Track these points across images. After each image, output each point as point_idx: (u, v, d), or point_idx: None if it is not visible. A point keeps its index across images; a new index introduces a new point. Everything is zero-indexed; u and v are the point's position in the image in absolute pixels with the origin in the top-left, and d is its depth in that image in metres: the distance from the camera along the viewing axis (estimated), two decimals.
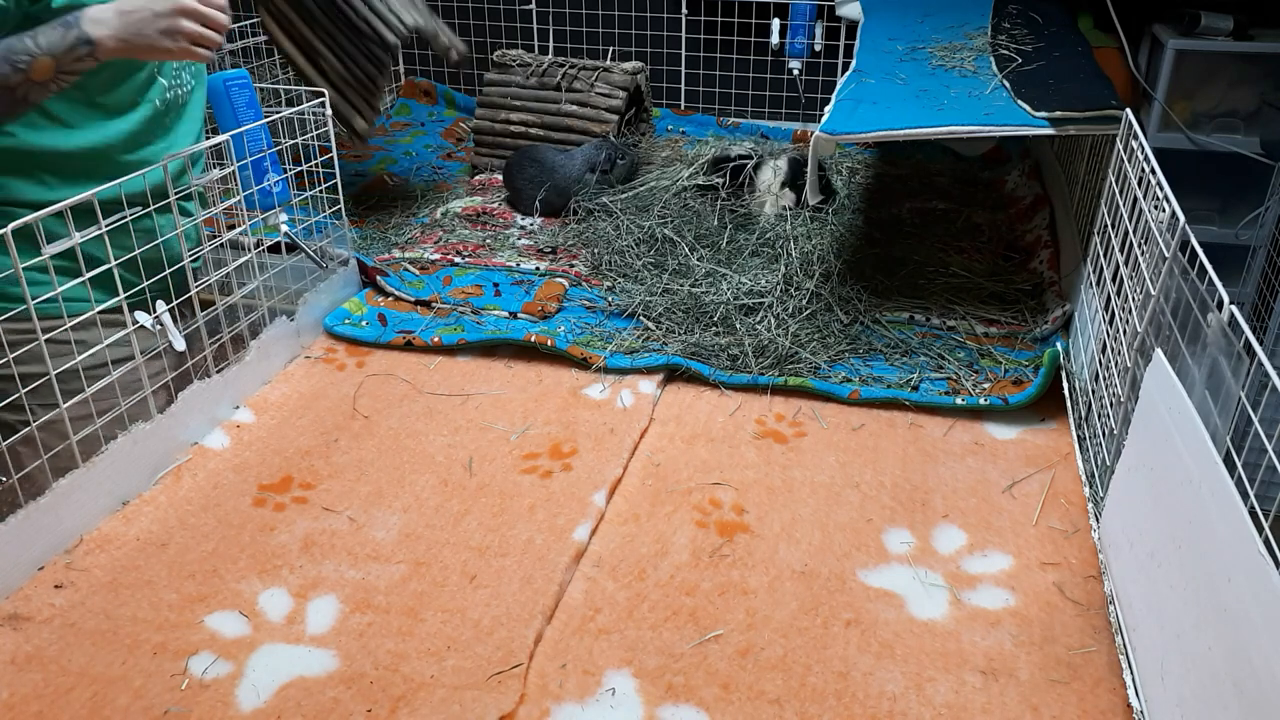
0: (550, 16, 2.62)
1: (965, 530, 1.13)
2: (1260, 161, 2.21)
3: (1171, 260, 0.98)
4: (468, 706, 0.89)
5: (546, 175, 1.92)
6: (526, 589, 1.03)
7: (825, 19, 2.41)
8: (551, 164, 1.93)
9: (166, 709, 0.89)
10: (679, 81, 2.61)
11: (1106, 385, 1.17)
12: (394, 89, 2.73)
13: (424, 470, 1.23)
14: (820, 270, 1.63)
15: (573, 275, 1.71)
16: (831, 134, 1.43)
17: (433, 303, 1.61)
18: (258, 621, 0.99)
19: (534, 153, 1.98)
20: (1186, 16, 2.18)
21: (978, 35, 1.80)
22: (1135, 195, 1.14)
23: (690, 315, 1.54)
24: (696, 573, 1.06)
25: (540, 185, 1.92)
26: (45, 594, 1.02)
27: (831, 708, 0.90)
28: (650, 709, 0.90)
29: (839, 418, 1.34)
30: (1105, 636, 0.97)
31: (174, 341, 1.25)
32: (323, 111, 1.49)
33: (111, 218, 1.12)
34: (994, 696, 0.91)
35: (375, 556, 1.08)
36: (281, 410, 1.36)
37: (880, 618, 1.00)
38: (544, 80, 2.16)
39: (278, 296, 1.47)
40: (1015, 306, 1.57)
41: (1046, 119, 1.39)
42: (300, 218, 1.58)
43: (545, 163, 1.94)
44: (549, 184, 1.91)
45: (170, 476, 1.21)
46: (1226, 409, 0.85)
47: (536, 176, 1.93)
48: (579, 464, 1.24)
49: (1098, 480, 1.16)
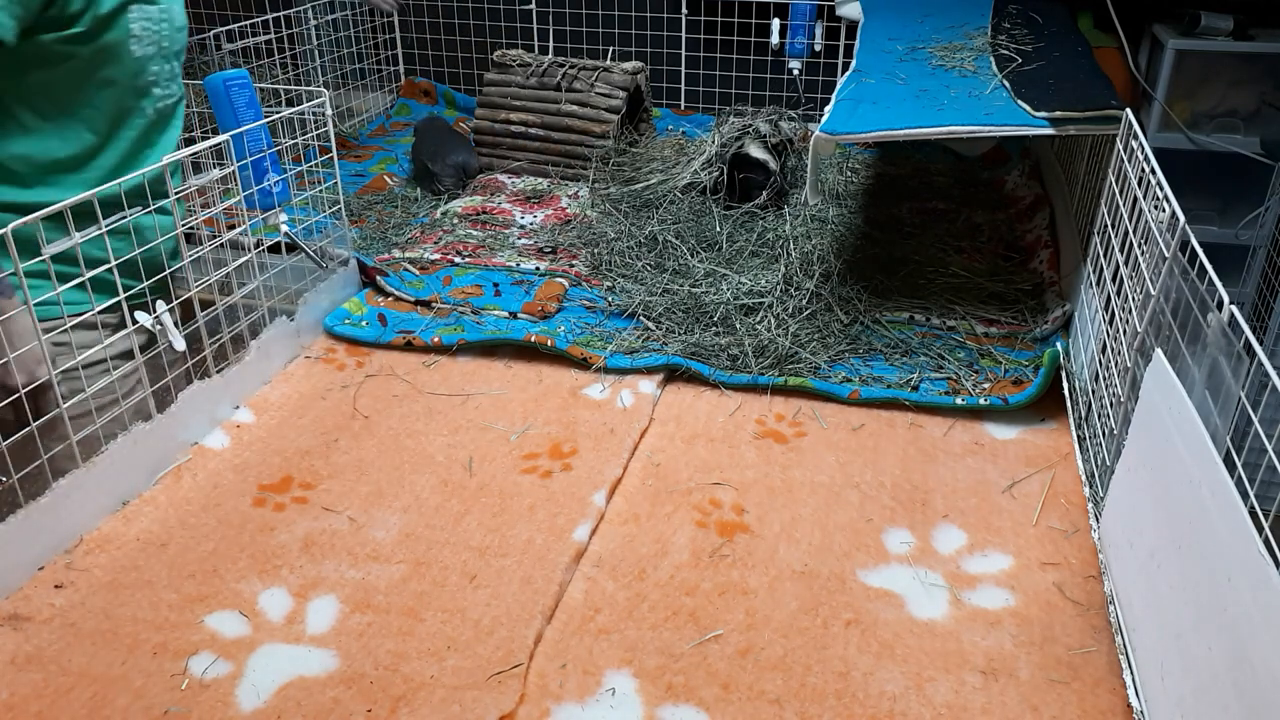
0: (550, 16, 2.62)
1: (965, 530, 1.13)
2: (1260, 161, 2.21)
3: (1171, 260, 0.98)
4: (468, 706, 0.89)
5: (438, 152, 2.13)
6: (526, 589, 1.03)
7: (825, 19, 2.42)
8: (443, 147, 2.14)
9: (166, 709, 0.89)
10: (679, 81, 2.61)
11: (1106, 385, 1.17)
12: (394, 89, 2.73)
13: (424, 470, 1.23)
14: (820, 270, 1.63)
15: (573, 275, 1.71)
16: (831, 134, 1.43)
17: (433, 303, 1.61)
18: (258, 621, 0.99)
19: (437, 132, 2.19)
20: (1186, 16, 2.18)
21: (978, 35, 1.80)
22: (1135, 195, 1.14)
23: (690, 315, 1.54)
24: (696, 573, 1.06)
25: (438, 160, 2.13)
26: (45, 594, 1.02)
27: (831, 708, 0.90)
28: (650, 709, 0.90)
29: (839, 418, 1.34)
30: (1105, 636, 0.97)
31: (174, 341, 1.25)
32: (323, 111, 1.49)
33: (109, 219, 1.12)
34: (994, 696, 0.91)
35: (375, 556, 1.08)
36: (281, 410, 1.36)
37: (880, 618, 1.00)
38: (544, 80, 2.16)
39: (278, 296, 1.47)
40: (1015, 306, 1.57)
41: (1046, 119, 1.39)
42: (300, 218, 1.58)
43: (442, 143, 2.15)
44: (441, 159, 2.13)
45: (170, 476, 1.21)
46: (1226, 409, 0.85)
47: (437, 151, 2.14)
48: (579, 464, 1.24)
49: (1098, 480, 1.16)
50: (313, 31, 2.39)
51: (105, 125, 1.30)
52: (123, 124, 1.32)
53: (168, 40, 1.34)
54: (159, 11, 1.30)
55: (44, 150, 1.26)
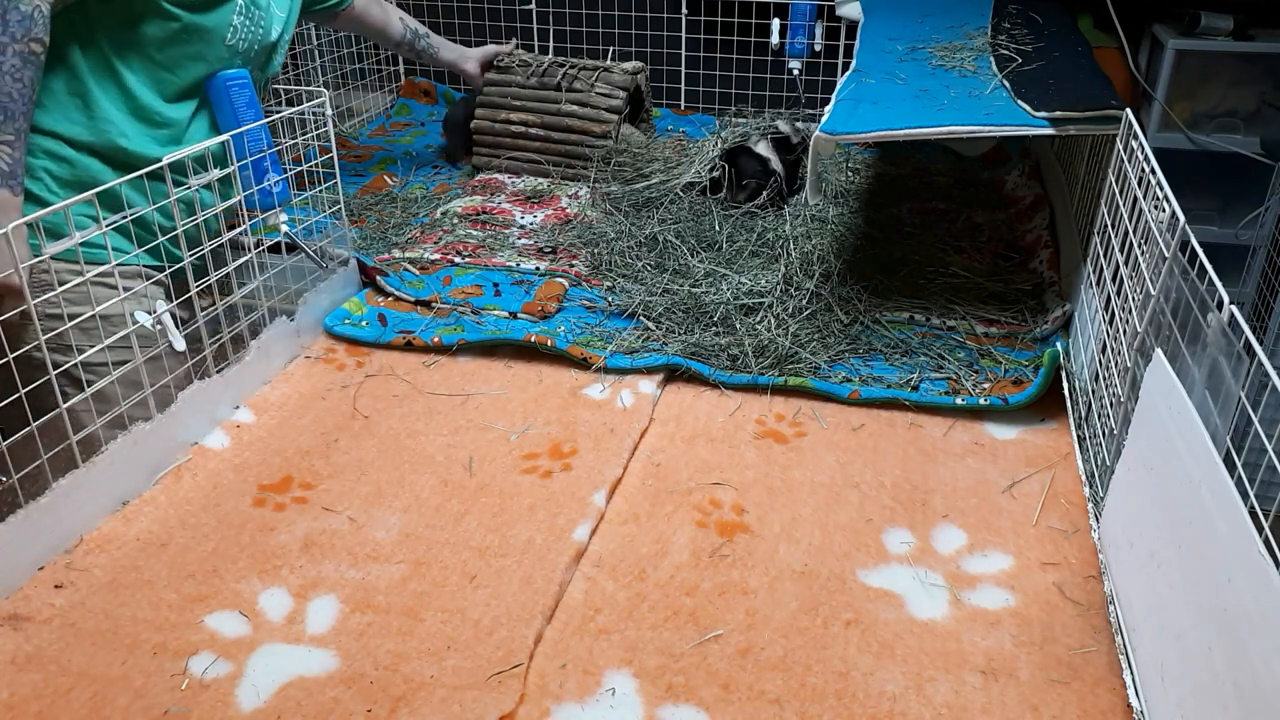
0: (550, 16, 2.62)
1: (965, 530, 1.13)
2: (1260, 161, 2.21)
3: (1171, 260, 0.98)
4: (468, 706, 0.89)
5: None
6: (526, 589, 1.03)
7: (825, 19, 2.41)
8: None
9: (166, 709, 0.89)
10: (679, 81, 2.61)
11: (1106, 385, 1.17)
12: (394, 89, 2.73)
13: (424, 470, 1.23)
14: (820, 270, 1.63)
15: (573, 275, 1.71)
16: (831, 134, 1.43)
17: (433, 303, 1.61)
18: (258, 621, 1.00)
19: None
20: (1186, 16, 2.18)
21: (978, 35, 1.80)
22: (1135, 195, 1.14)
23: (690, 315, 1.54)
24: (696, 573, 1.06)
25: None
26: (45, 594, 1.02)
27: (831, 708, 0.90)
28: (650, 709, 0.90)
29: (839, 418, 1.34)
30: (1105, 636, 0.97)
31: (174, 341, 1.26)
32: (323, 111, 1.49)
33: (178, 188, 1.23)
34: (994, 696, 0.91)
35: (375, 556, 1.08)
36: (281, 410, 1.36)
37: (880, 618, 1.00)
38: (544, 80, 2.16)
39: (278, 296, 1.47)
40: (1015, 306, 1.57)
41: (1046, 119, 1.39)
42: (300, 218, 1.58)
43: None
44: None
45: (170, 476, 1.21)
46: (1226, 409, 0.85)
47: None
48: (579, 464, 1.24)
49: (1098, 480, 1.16)
50: (313, 31, 2.39)
51: (177, 97, 1.46)
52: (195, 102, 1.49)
53: (257, 46, 1.54)
54: (259, 13, 1.52)
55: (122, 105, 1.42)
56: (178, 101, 1.47)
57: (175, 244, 1.29)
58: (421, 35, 2.15)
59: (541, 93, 2.15)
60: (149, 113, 1.43)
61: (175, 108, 1.47)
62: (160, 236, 1.25)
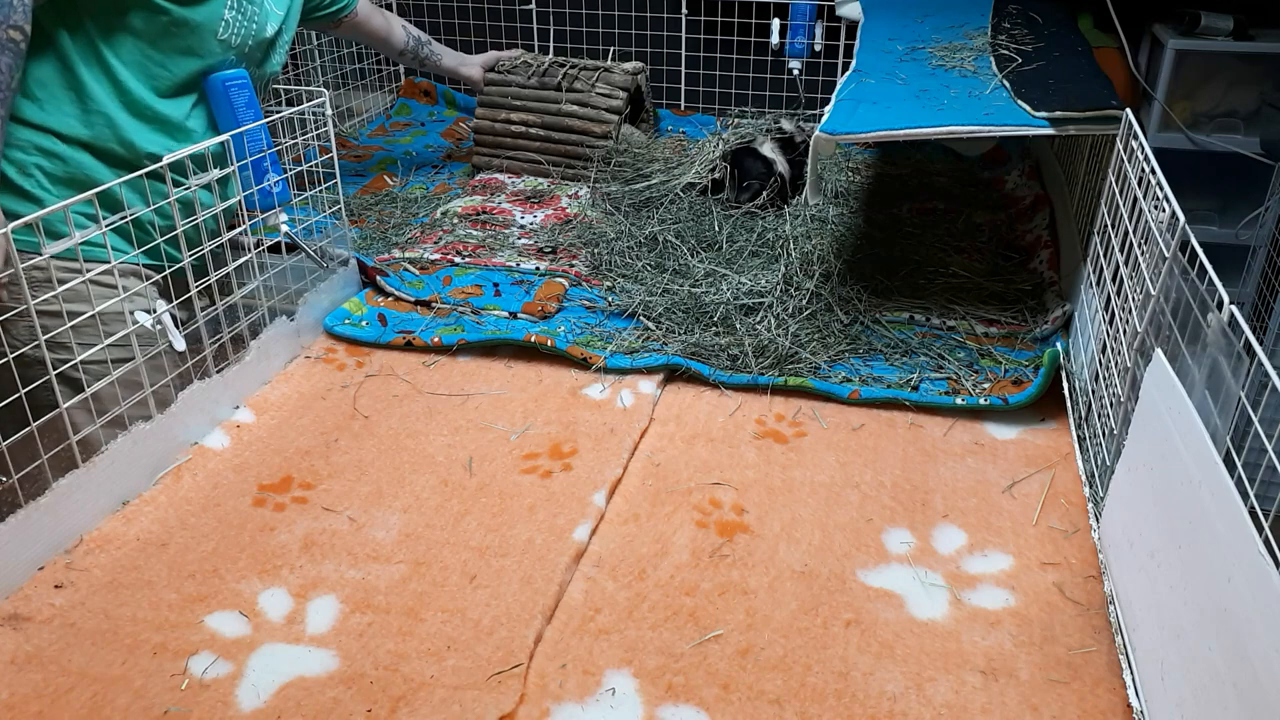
0: (550, 16, 2.62)
1: (965, 530, 1.13)
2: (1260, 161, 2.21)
3: (1171, 260, 0.98)
4: (468, 706, 0.89)
5: None
6: (526, 589, 1.03)
7: (825, 19, 2.41)
8: None
9: (166, 709, 0.89)
10: (679, 81, 2.61)
11: (1106, 385, 1.17)
12: (394, 89, 2.73)
13: (424, 470, 1.23)
14: (820, 270, 1.63)
15: (573, 275, 1.71)
16: (831, 134, 1.43)
17: (433, 303, 1.61)
18: (258, 621, 1.00)
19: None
20: (1186, 16, 2.18)
21: (978, 35, 1.80)
22: (1135, 195, 1.14)
23: (690, 315, 1.54)
24: (696, 573, 1.06)
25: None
26: (45, 594, 1.02)
27: (831, 708, 0.90)
28: (650, 709, 0.90)
29: (839, 418, 1.34)
30: (1105, 636, 0.97)
31: (174, 341, 1.26)
32: (323, 111, 1.49)
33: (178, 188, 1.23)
34: (994, 696, 0.91)
35: (375, 556, 1.08)
36: (281, 410, 1.36)
37: (880, 618, 1.00)
38: (544, 80, 2.16)
39: (278, 296, 1.47)
40: (1015, 306, 1.57)
41: (1046, 119, 1.39)
42: (300, 218, 1.58)
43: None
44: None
45: (170, 476, 1.21)
46: (1226, 409, 0.85)
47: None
48: (579, 464, 1.24)
49: (1098, 480, 1.16)
50: (313, 32, 2.39)
51: (172, 92, 1.45)
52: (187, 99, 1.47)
53: (251, 42, 1.51)
54: (253, 8, 1.49)
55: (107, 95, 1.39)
56: (173, 97, 1.45)
57: (174, 244, 1.28)
58: (424, 43, 2.15)
59: (542, 93, 2.15)
60: (142, 107, 1.41)
61: (170, 104, 1.45)
62: (159, 236, 1.25)
